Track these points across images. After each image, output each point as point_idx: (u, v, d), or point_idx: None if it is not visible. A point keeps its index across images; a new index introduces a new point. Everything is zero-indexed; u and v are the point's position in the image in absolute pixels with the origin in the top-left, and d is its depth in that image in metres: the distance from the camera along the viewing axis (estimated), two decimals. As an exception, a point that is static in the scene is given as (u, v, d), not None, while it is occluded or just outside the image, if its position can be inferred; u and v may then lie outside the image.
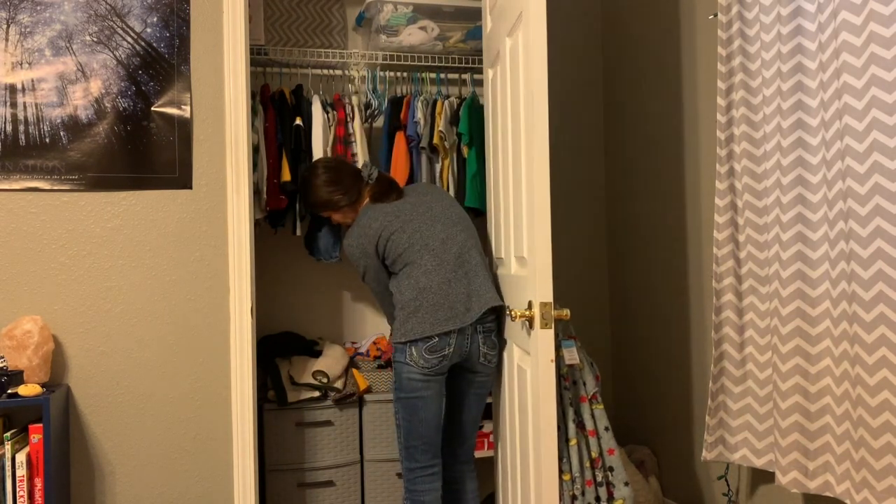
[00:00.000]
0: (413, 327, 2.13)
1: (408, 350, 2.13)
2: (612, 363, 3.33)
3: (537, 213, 1.87)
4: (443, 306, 2.14)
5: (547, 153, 1.87)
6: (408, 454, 2.20)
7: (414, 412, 2.17)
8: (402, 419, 2.20)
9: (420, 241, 2.22)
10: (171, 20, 2.30)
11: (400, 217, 2.27)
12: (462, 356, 2.17)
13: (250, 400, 2.30)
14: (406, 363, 2.14)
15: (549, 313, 1.86)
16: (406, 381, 2.16)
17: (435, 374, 2.15)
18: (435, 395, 2.17)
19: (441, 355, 2.13)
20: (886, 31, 1.67)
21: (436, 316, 2.13)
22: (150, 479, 2.26)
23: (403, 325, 2.16)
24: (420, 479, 2.20)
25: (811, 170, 1.93)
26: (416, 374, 2.14)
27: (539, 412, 1.88)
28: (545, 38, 1.88)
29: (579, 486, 2.30)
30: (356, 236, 2.30)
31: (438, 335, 2.12)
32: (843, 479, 1.84)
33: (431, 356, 2.12)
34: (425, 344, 2.12)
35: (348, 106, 2.78)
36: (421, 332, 2.11)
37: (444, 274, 2.18)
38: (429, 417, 2.17)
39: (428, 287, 2.16)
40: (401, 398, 2.18)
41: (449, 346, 2.13)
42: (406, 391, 2.16)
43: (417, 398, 2.16)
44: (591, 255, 3.36)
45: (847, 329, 1.79)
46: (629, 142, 3.13)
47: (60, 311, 2.21)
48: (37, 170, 2.20)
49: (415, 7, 2.79)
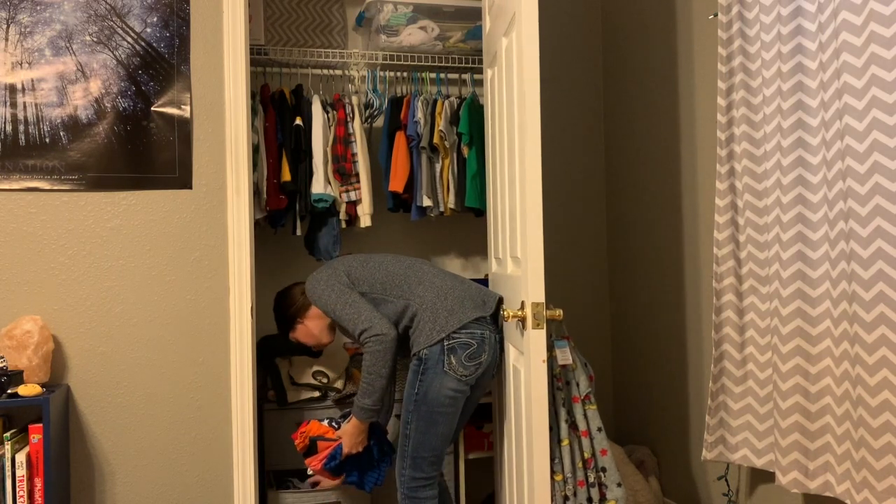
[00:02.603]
0: (448, 319, 2.10)
1: (446, 359, 2.07)
2: (612, 363, 3.33)
3: (529, 212, 1.88)
4: (466, 298, 2.16)
5: (539, 153, 1.88)
6: (414, 464, 2.13)
7: (433, 425, 2.10)
8: (416, 430, 2.12)
9: (408, 270, 2.25)
10: (170, 20, 2.30)
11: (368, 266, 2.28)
12: (490, 365, 2.15)
13: (250, 400, 2.30)
14: (444, 372, 2.07)
15: (541, 313, 1.86)
16: (436, 394, 2.08)
17: (468, 385, 2.11)
18: (458, 411, 2.14)
19: (478, 363, 2.10)
20: (887, 31, 1.67)
21: (464, 305, 2.13)
22: (150, 479, 2.26)
23: (434, 322, 2.11)
24: (422, 488, 2.16)
25: (811, 170, 1.93)
26: (451, 385, 2.07)
27: (531, 412, 1.88)
28: (537, 39, 1.88)
29: (571, 486, 2.30)
30: (320, 280, 2.24)
31: (477, 342, 2.10)
32: (843, 479, 1.84)
33: (471, 363, 2.08)
34: (465, 351, 2.08)
35: (348, 106, 2.78)
36: (458, 322, 2.09)
37: (449, 279, 2.22)
38: (447, 432, 2.13)
39: (444, 287, 2.18)
40: (422, 410, 2.10)
41: (485, 353, 2.11)
42: (432, 404, 2.09)
43: (442, 413, 2.10)
44: (591, 254, 3.36)
45: (847, 329, 1.79)
46: (630, 141, 3.13)
47: (60, 311, 2.21)
48: (37, 170, 2.20)
49: (415, 7, 2.78)
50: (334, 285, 2.19)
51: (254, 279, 2.37)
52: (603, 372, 3.32)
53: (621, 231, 3.21)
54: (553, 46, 3.34)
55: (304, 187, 2.70)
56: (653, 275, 2.94)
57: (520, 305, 1.94)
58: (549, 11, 3.34)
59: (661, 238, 2.86)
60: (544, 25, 3.33)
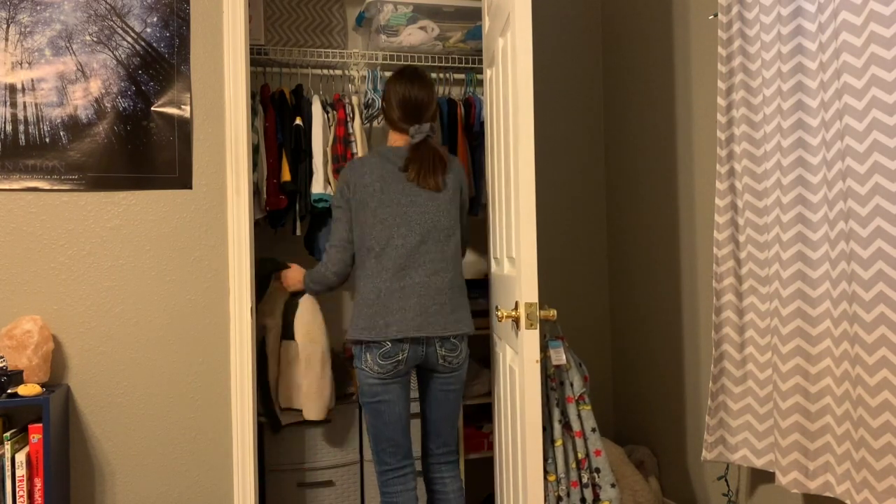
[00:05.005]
0: (366, 328, 2.13)
1: (363, 356, 2.14)
2: (612, 363, 3.33)
3: (523, 213, 1.88)
4: (401, 311, 2.13)
5: (532, 153, 1.88)
6: (378, 458, 2.22)
7: (377, 416, 2.17)
8: (369, 423, 2.20)
9: (395, 231, 2.18)
10: (170, 20, 2.30)
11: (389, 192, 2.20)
12: (418, 360, 2.17)
13: (250, 400, 2.30)
14: (363, 368, 2.15)
15: (535, 313, 1.86)
16: (366, 387, 2.16)
17: (392, 377, 2.14)
18: (397, 398, 2.17)
19: (395, 361, 2.13)
20: (887, 31, 1.67)
21: (387, 319, 2.12)
22: (150, 479, 2.26)
23: (355, 322, 2.16)
24: (391, 480, 2.21)
25: (811, 170, 1.93)
26: (373, 378, 2.14)
27: (524, 412, 1.88)
28: (530, 40, 1.88)
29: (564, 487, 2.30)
30: (346, 169, 2.28)
31: (391, 341, 2.12)
32: (843, 479, 1.84)
33: (386, 362, 2.12)
34: (379, 350, 2.12)
35: (348, 106, 2.78)
36: (374, 336, 2.12)
37: (407, 279, 2.16)
38: (393, 420, 2.17)
39: (387, 290, 2.15)
40: (364, 403, 2.19)
41: (402, 352, 2.13)
42: (367, 396, 2.17)
43: (379, 402, 2.16)
44: (591, 254, 3.36)
45: (847, 329, 1.79)
46: (629, 142, 3.13)
47: (60, 311, 2.21)
48: (37, 170, 2.20)
49: (415, 7, 2.78)
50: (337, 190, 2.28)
51: (254, 279, 2.36)
52: (603, 372, 3.32)
53: (621, 231, 3.21)
54: (553, 47, 3.34)
55: (304, 187, 2.70)
56: (653, 275, 2.94)
57: (514, 306, 1.94)
58: (549, 12, 3.34)
59: (661, 238, 2.86)
60: (544, 26, 3.33)
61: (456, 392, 2.28)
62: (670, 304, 2.80)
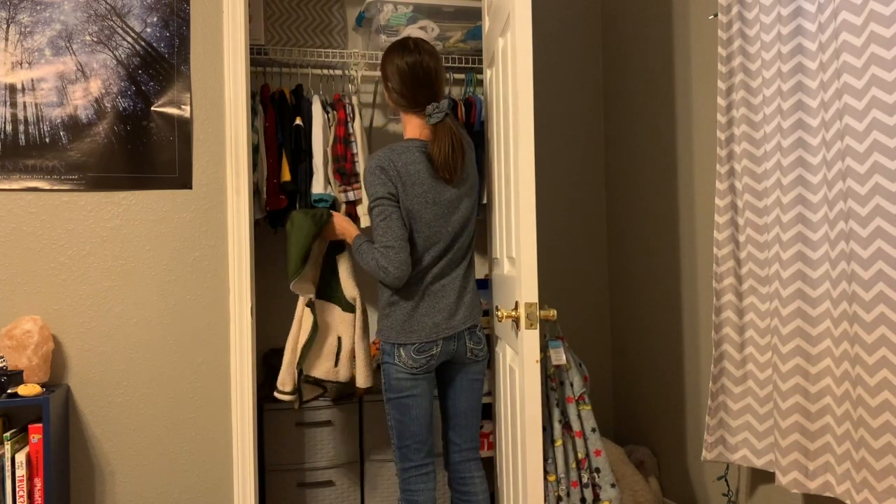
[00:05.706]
0: (405, 331, 2.12)
1: (396, 352, 2.13)
2: (612, 363, 3.33)
3: (523, 213, 1.88)
4: (437, 312, 2.14)
5: (532, 153, 1.88)
6: (401, 454, 2.20)
7: (405, 411, 2.16)
8: (394, 419, 2.19)
9: (436, 231, 2.13)
10: (170, 20, 2.30)
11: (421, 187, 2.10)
12: (449, 355, 2.18)
13: (250, 400, 2.30)
14: (394, 364, 2.14)
15: (535, 313, 1.86)
16: (395, 382, 2.15)
17: (423, 372, 2.15)
18: (424, 393, 2.17)
19: (429, 355, 2.13)
20: (887, 31, 1.67)
21: (423, 323, 2.13)
22: (150, 479, 2.26)
23: (392, 325, 2.14)
24: (414, 478, 2.20)
25: (811, 170, 1.93)
26: (404, 374, 2.13)
27: (524, 412, 1.88)
28: (530, 40, 1.88)
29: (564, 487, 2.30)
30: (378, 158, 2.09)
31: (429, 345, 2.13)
32: (843, 479, 1.84)
33: (420, 356, 2.12)
34: (413, 346, 2.12)
35: (348, 106, 2.78)
36: (414, 339, 2.12)
37: (444, 278, 2.17)
38: (420, 415, 2.17)
39: (429, 292, 2.15)
40: (391, 399, 2.17)
41: (437, 347, 2.13)
42: (395, 391, 2.16)
43: (408, 397, 2.15)
44: (591, 254, 3.36)
45: (847, 329, 1.79)
46: (630, 142, 3.13)
47: (60, 311, 2.21)
48: (37, 170, 2.20)
49: (415, 7, 2.78)
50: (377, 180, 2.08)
51: (254, 279, 2.36)
52: (603, 372, 3.32)
53: (621, 231, 3.21)
54: (553, 47, 3.34)
55: (304, 187, 2.70)
56: (653, 275, 2.94)
57: (514, 305, 1.94)
58: (549, 12, 3.34)
59: (661, 238, 2.86)
60: (544, 26, 3.33)
61: (482, 383, 2.28)
62: (670, 304, 2.80)
